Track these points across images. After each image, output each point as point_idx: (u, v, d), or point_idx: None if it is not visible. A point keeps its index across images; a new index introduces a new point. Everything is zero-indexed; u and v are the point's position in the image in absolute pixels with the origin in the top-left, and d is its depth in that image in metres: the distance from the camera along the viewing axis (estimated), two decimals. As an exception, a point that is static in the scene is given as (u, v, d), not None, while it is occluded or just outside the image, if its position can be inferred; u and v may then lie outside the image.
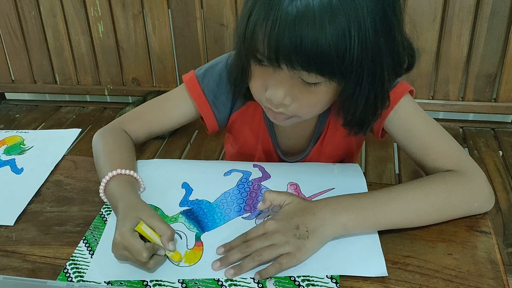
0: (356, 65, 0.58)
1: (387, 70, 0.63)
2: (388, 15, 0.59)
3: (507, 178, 1.30)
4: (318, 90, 0.64)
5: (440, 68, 1.47)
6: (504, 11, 1.36)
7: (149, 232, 0.62)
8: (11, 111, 1.84)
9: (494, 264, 0.61)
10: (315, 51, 0.56)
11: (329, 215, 0.63)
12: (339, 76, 0.60)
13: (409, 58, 0.69)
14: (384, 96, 0.68)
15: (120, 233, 0.61)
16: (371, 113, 0.69)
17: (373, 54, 0.59)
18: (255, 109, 0.83)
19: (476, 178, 0.69)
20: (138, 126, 0.85)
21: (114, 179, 0.71)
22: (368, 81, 0.61)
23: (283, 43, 0.56)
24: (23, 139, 0.95)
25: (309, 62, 0.57)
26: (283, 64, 0.59)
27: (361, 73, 0.60)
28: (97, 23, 1.66)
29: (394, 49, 0.63)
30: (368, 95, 0.64)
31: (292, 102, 0.66)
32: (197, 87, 0.82)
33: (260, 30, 0.58)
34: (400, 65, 0.67)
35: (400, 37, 0.64)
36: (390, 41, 0.61)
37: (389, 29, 0.60)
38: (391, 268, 0.61)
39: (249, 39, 0.60)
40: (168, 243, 0.61)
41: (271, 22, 0.56)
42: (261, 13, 0.58)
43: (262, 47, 0.59)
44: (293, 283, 0.59)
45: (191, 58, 1.63)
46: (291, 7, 0.55)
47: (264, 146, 0.88)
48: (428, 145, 0.73)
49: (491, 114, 1.53)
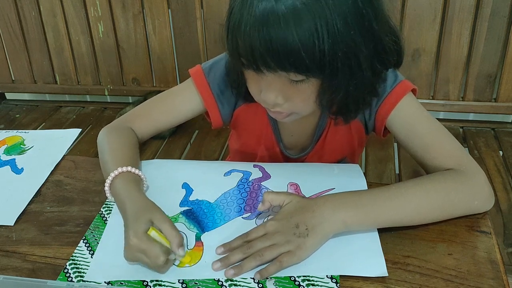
0: (330, 60, 0.59)
1: (365, 60, 0.63)
2: (359, 6, 0.60)
3: (507, 178, 1.30)
4: (305, 86, 0.65)
5: (440, 68, 1.47)
6: (504, 11, 1.36)
7: (159, 238, 0.62)
8: (11, 111, 1.84)
9: (494, 264, 0.61)
10: (285, 51, 0.58)
11: (329, 212, 0.63)
12: (315, 72, 0.61)
13: (395, 46, 0.69)
14: (367, 85, 0.68)
15: (137, 236, 0.61)
16: (353, 103, 0.69)
17: (346, 47, 0.60)
18: (258, 105, 0.83)
19: (476, 177, 0.69)
20: (144, 123, 0.85)
21: (120, 177, 0.71)
22: (344, 73, 0.62)
23: (256, 46, 0.59)
24: (23, 139, 0.95)
25: (282, 62, 0.59)
26: (262, 66, 0.61)
27: (335, 66, 0.60)
28: (97, 23, 1.66)
29: (372, 39, 0.63)
30: (347, 86, 0.65)
31: (285, 101, 0.67)
32: (203, 80, 0.82)
33: (237, 36, 0.61)
34: (385, 53, 0.67)
35: (380, 25, 0.64)
36: (366, 31, 0.62)
37: (363, 20, 0.61)
38: (391, 268, 0.61)
39: (230, 47, 0.63)
40: (178, 249, 0.61)
41: (243, 27, 0.59)
42: (236, 20, 0.60)
43: (241, 52, 0.62)
44: (293, 283, 0.59)
45: (191, 58, 1.64)
46: (258, 11, 0.58)
47: (267, 142, 0.89)
48: (429, 144, 0.73)
49: (491, 114, 1.53)
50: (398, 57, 0.72)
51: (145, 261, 0.61)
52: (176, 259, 0.63)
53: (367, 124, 0.83)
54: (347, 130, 0.84)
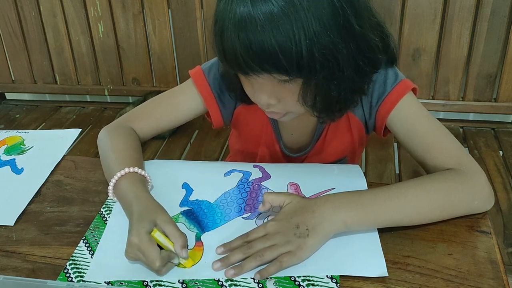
0: (308, 61, 0.60)
1: (346, 60, 0.63)
2: (336, 5, 0.60)
3: (507, 178, 1.30)
4: (293, 86, 0.65)
5: (440, 68, 1.47)
6: (504, 11, 1.36)
7: (163, 239, 0.62)
8: (11, 111, 1.84)
9: (494, 264, 0.61)
10: (264, 54, 0.59)
11: (329, 212, 0.63)
12: (295, 72, 0.62)
13: (382, 43, 0.69)
14: (350, 84, 0.67)
15: (138, 235, 0.61)
16: (336, 102, 0.69)
17: (323, 48, 0.60)
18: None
19: (476, 177, 0.69)
20: (145, 123, 0.85)
21: (126, 177, 0.71)
22: (323, 73, 0.62)
23: (237, 50, 0.60)
24: (23, 139, 0.95)
25: (263, 64, 0.61)
26: (246, 69, 0.62)
27: (314, 67, 0.61)
28: (97, 23, 1.66)
29: (353, 38, 0.63)
30: (328, 86, 0.65)
31: (278, 102, 0.68)
32: (204, 81, 0.83)
33: (221, 41, 0.62)
34: (370, 51, 0.66)
35: (363, 23, 0.64)
36: (345, 31, 0.61)
37: (340, 20, 0.60)
38: (391, 268, 0.61)
39: (217, 52, 0.65)
40: (181, 250, 0.61)
41: (225, 33, 0.61)
42: (220, 26, 0.62)
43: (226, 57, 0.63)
44: (293, 283, 0.59)
45: (191, 58, 1.64)
46: (237, 17, 0.59)
47: (267, 141, 0.89)
48: (429, 143, 0.73)
49: (491, 114, 1.53)
50: (388, 54, 0.72)
51: (144, 261, 0.61)
52: (180, 262, 0.62)
53: (368, 124, 0.83)
54: (347, 130, 0.84)
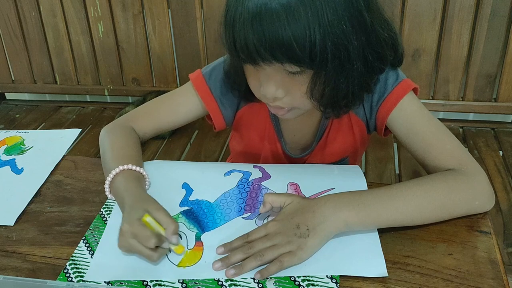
0: (320, 50, 0.60)
1: (356, 52, 0.63)
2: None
3: (507, 178, 1.30)
4: (302, 78, 0.65)
5: (440, 68, 1.47)
6: (504, 11, 1.36)
7: (154, 224, 0.63)
8: (11, 111, 1.84)
9: (494, 264, 0.61)
10: (278, 43, 0.59)
11: (330, 211, 0.63)
12: (307, 62, 0.62)
13: (390, 39, 0.69)
14: (359, 78, 0.67)
15: (128, 222, 0.62)
16: (343, 97, 0.69)
17: (336, 37, 0.60)
18: (260, 105, 0.84)
19: (477, 177, 0.69)
20: (146, 123, 0.86)
21: (121, 174, 0.72)
22: (333, 64, 0.62)
23: (250, 39, 0.61)
24: (23, 139, 0.95)
25: (276, 54, 0.61)
26: (257, 58, 0.62)
27: (325, 57, 0.61)
28: (97, 23, 1.66)
29: (364, 30, 0.63)
30: (337, 78, 0.65)
31: (285, 95, 0.68)
32: (204, 86, 0.83)
33: (232, 31, 0.63)
34: (379, 46, 0.67)
35: (373, 16, 0.64)
36: (357, 22, 0.62)
37: (353, 10, 0.61)
38: (391, 268, 0.61)
39: (227, 43, 0.65)
40: (171, 236, 0.62)
41: (238, 22, 0.61)
42: (231, 16, 0.62)
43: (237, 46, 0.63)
44: (293, 283, 0.59)
45: (191, 58, 1.63)
46: (252, 7, 0.60)
47: (270, 143, 0.89)
48: (430, 143, 0.73)
49: (491, 114, 1.53)
50: (395, 52, 0.72)
51: (138, 248, 0.61)
52: (170, 247, 0.63)
53: (369, 123, 0.83)
54: (349, 130, 0.84)
